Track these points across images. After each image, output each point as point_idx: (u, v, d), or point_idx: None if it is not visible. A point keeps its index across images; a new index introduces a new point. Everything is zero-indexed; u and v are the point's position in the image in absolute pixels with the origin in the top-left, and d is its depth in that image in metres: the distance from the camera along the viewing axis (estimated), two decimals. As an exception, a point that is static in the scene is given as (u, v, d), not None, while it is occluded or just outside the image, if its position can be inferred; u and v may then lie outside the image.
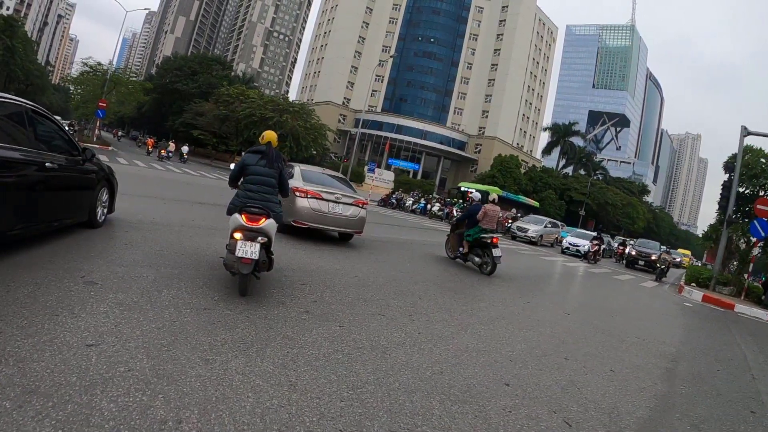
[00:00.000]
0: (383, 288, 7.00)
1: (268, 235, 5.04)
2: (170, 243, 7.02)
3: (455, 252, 11.81)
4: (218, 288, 5.18)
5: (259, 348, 3.75)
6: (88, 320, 3.61)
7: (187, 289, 4.90)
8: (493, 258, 10.55)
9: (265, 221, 5.00)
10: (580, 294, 11.90)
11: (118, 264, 5.34)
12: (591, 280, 15.78)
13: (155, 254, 6.16)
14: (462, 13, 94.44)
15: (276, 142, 5.57)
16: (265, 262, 5.02)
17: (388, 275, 8.16)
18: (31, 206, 4.92)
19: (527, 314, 7.43)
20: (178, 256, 6.29)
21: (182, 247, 6.93)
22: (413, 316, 5.76)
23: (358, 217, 10.32)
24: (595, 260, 23.93)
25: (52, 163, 5.19)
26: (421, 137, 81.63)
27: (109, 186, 7.31)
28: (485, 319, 6.47)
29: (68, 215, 6.03)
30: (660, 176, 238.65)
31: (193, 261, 6.19)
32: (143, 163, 28.51)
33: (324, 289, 6.10)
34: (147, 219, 8.66)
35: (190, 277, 5.40)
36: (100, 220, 7.04)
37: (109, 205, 7.45)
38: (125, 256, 5.76)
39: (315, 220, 9.60)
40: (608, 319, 8.55)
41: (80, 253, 5.51)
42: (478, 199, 11.77)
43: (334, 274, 7.15)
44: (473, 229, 11.06)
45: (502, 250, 11.00)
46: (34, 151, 4.91)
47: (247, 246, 4.77)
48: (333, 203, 9.82)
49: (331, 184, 10.53)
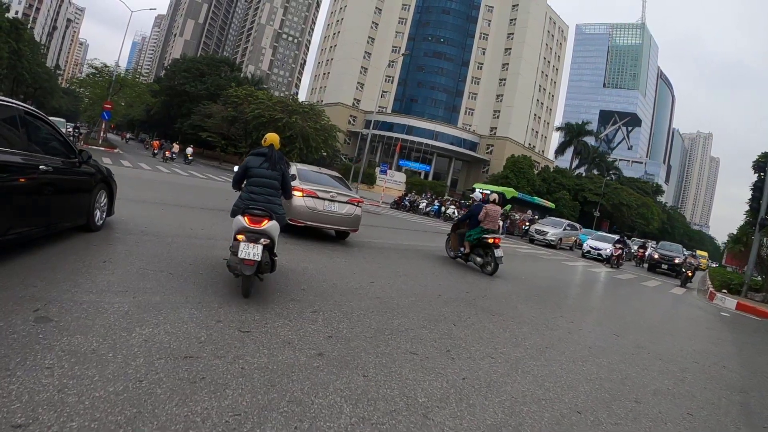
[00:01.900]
0: (410, 312, 5.90)
1: (271, 237, 5.02)
2: (158, 258, 5.97)
3: (456, 252, 11.80)
4: (207, 321, 4.11)
5: (255, 424, 2.66)
6: (24, 381, 2.60)
7: (166, 324, 3.82)
8: (495, 258, 10.55)
9: (267, 223, 4.99)
10: (618, 307, 10.75)
11: (87, 290, 4.30)
12: (621, 289, 14.72)
13: (136, 274, 5.12)
14: (472, 12, 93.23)
15: (278, 145, 5.59)
16: (267, 264, 5.01)
17: (412, 292, 7.10)
18: (24, 210, 4.82)
19: (575, 339, 6.36)
20: (164, 277, 5.22)
21: (171, 263, 5.88)
22: (452, 352, 4.66)
23: (354, 215, 10.50)
24: (618, 265, 22.91)
25: (47, 166, 5.05)
26: (432, 138, 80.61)
27: (107, 188, 7.19)
28: (534, 350, 5.39)
29: (64, 219, 5.89)
30: (671, 176, 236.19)
31: (180, 283, 5.12)
32: (148, 165, 27.60)
33: (341, 318, 5.00)
34: (137, 228, 7.66)
35: (174, 305, 4.32)
36: (99, 223, 6.90)
37: (108, 208, 7.31)
38: (98, 278, 4.72)
39: (311, 218, 9.75)
40: (659, 341, 7.56)
41: (48, 273, 4.52)
42: (479, 199, 11.90)
43: (351, 295, 6.09)
44: (475, 229, 11.05)
45: (520, 254, 9.97)
46: (27, 154, 4.80)
47: (249, 248, 4.75)
48: (329, 202, 10.00)
49: (327, 183, 10.70)
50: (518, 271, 13.06)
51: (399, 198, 37.32)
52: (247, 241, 4.78)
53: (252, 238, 4.82)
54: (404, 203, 35.76)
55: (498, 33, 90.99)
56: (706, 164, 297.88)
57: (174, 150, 41.66)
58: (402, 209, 34.89)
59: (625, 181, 78.68)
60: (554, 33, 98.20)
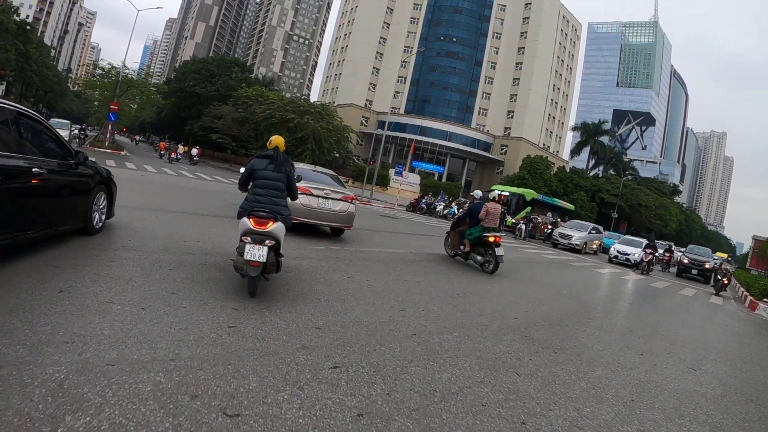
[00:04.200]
0: (458, 355, 4.53)
1: (276, 238, 5.06)
2: (132, 285, 4.65)
3: (455, 250, 11.63)
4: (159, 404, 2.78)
5: None
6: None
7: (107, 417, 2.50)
8: (496, 257, 10.42)
9: (272, 225, 5.02)
10: (674, 327, 9.25)
11: (21, 342, 3.00)
12: (664, 301, 13.28)
13: (96, 311, 3.79)
14: (484, 11, 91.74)
15: (283, 147, 5.63)
16: (273, 264, 5.06)
17: (453, 321, 5.77)
18: (18, 214, 4.62)
19: (656, 382, 5.12)
20: (130, 315, 3.89)
21: (146, 293, 4.56)
22: (528, 425, 3.30)
23: (347, 212, 10.72)
24: (648, 271, 21.49)
25: (40, 168, 4.82)
26: (446, 139, 79.13)
27: (107, 190, 6.98)
28: (620, 406, 4.11)
29: (61, 222, 5.64)
30: (686, 175, 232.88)
31: (147, 339, 3.77)
32: (153, 167, 26.35)
33: (371, 376, 3.60)
34: (119, 240, 6.44)
35: (126, 379, 3.00)
36: (98, 226, 6.67)
37: (108, 210, 7.08)
38: (39, 323, 3.39)
39: (305, 215, 9.88)
40: (738, 373, 6.45)
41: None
42: (480, 197, 11.79)
43: (380, 334, 4.72)
44: (475, 228, 10.88)
45: (549, 261, 8.62)
46: (19, 156, 4.60)
47: (255, 249, 4.78)
48: (322, 199, 10.22)
49: (321, 181, 10.82)
50: (556, 283, 11.89)
51: (415, 200, 35.73)
52: (252, 242, 4.81)
53: (257, 240, 4.84)
54: (420, 205, 34.19)
55: (511, 32, 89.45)
56: (720, 164, 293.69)
57: (179, 151, 42.27)
58: (418, 212, 33.38)
59: (642, 182, 76.67)
60: (567, 31, 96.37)
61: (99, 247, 5.95)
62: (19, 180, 4.52)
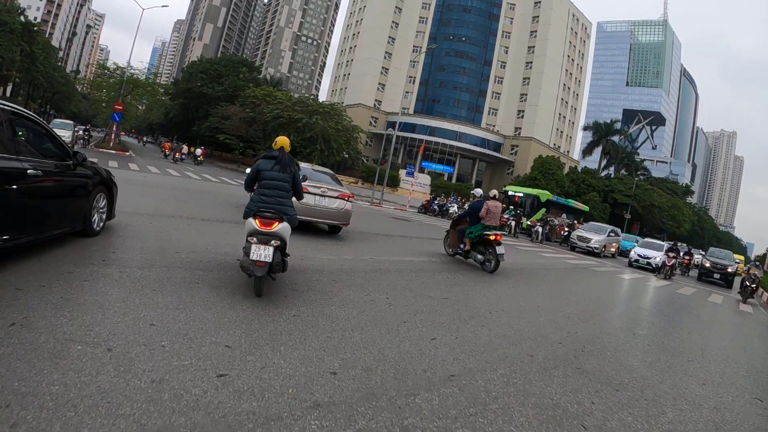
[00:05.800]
0: (509, 402, 3.60)
1: (282, 239, 5.09)
2: (101, 314, 3.76)
3: (455, 248, 11.57)
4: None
5: None
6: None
7: None
8: (497, 256, 10.38)
9: (278, 225, 5.03)
10: (722, 345, 8.35)
11: None
12: (698, 311, 12.41)
13: (42, 357, 2.89)
14: (493, 10, 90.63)
15: (289, 147, 5.64)
16: (279, 264, 5.05)
17: (494, 353, 4.83)
18: (13, 217, 4.41)
19: (728, 419, 4.36)
20: (91, 360, 3.01)
21: (115, 326, 3.67)
22: None
23: (344, 209, 10.86)
24: (670, 275, 20.79)
25: (35, 169, 4.66)
26: (456, 139, 78.09)
27: (107, 191, 6.82)
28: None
29: (59, 225, 5.46)
30: (696, 175, 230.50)
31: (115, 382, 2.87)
32: (157, 168, 25.54)
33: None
34: (97, 254, 5.58)
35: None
36: (97, 228, 6.53)
37: (108, 212, 6.93)
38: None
39: (303, 213, 9.62)
40: None
41: None
42: (480, 196, 11.70)
43: (411, 378, 3.78)
44: (476, 226, 10.80)
45: (572, 266, 7.73)
46: (13, 157, 4.39)
47: (260, 249, 4.77)
48: (319, 197, 10.36)
49: (318, 179, 10.89)
50: (586, 293, 11.14)
51: (427, 202, 34.75)
52: (258, 243, 4.81)
53: (263, 240, 4.86)
54: (433, 207, 33.25)
55: (521, 31, 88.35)
56: (730, 163, 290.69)
57: (183, 151, 42.54)
58: (431, 213, 32.43)
59: (654, 182, 75.44)
60: (577, 30, 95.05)
61: (73, 263, 5.08)
62: (13, 182, 4.31)
